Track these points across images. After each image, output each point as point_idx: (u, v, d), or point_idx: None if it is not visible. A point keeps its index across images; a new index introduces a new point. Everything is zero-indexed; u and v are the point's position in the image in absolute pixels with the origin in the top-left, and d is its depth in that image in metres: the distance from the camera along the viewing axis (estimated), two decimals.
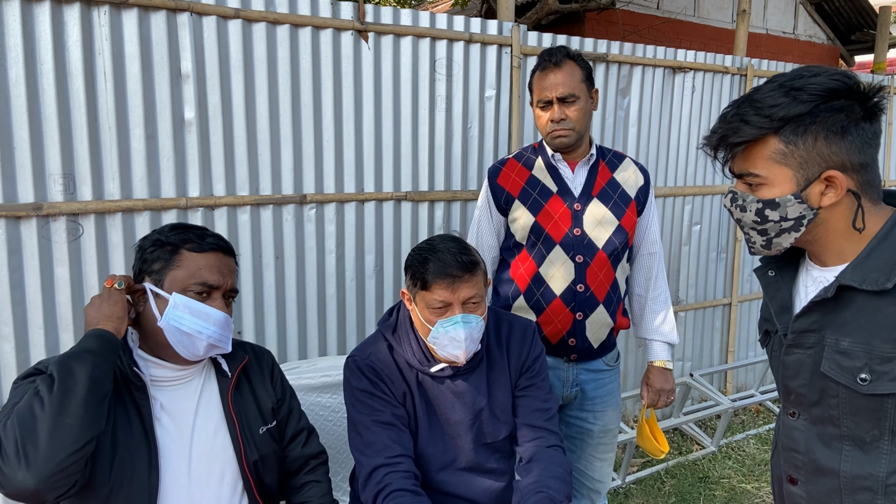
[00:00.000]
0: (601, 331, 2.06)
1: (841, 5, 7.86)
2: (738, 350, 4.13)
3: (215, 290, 1.41)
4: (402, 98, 2.71)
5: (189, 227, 1.45)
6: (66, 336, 2.19)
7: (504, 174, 2.12)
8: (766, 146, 1.10)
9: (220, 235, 1.48)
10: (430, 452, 1.67)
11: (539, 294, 2.03)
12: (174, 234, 1.41)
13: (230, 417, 1.45)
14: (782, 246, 1.17)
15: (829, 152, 1.06)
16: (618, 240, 2.03)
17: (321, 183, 2.58)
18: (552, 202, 2.02)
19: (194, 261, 1.39)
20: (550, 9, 5.22)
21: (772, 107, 1.07)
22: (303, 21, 2.44)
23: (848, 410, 1.13)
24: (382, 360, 1.67)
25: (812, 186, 1.08)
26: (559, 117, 1.95)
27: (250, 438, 1.47)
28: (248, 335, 2.50)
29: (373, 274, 2.74)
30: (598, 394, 2.11)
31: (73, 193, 2.15)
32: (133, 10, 2.17)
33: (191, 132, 2.31)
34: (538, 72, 2.00)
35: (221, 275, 1.42)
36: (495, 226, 2.15)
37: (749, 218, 1.16)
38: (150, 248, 1.41)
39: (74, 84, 2.12)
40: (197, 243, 1.40)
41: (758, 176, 1.12)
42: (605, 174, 2.08)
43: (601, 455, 2.16)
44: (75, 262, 2.18)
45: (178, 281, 1.37)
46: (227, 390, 1.47)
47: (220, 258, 1.43)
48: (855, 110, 1.06)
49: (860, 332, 1.08)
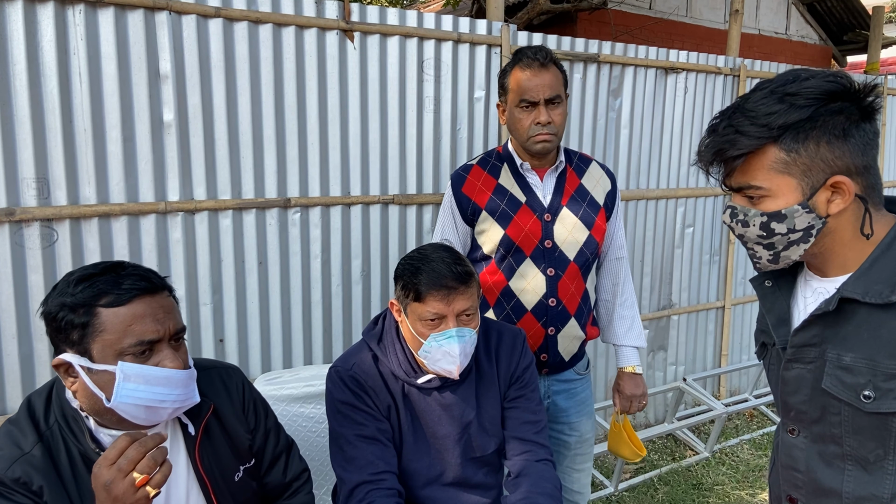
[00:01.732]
0: (573, 344, 2.00)
1: (833, 6, 7.86)
2: (732, 354, 4.09)
3: (158, 342, 1.16)
4: (390, 99, 2.64)
5: (97, 272, 1.16)
6: (40, 345, 2.11)
7: (469, 183, 2.00)
8: (765, 156, 1.03)
9: (140, 270, 1.19)
10: (415, 468, 1.61)
11: (509, 308, 1.96)
12: (81, 291, 1.12)
13: (201, 478, 1.29)
14: (791, 259, 1.10)
15: (832, 157, 1.01)
16: (589, 250, 1.97)
17: (306, 186, 2.52)
18: (521, 213, 1.93)
19: (118, 318, 1.12)
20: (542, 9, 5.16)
21: (768, 115, 1.01)
22: (286, 20, 2.37)
23: (850, 429, 1.07)
24: (366, 371, 1.61)
25: (818, 194, 1.03)
26: (546, 119, 1.84)
27: (226, 492, 1.33)
28: (231, 344, 2.44)
29: (359, 279, 2.68)
30: (570, 404, 2.05)
31: (47, 198, 2.08)
32: (109, 8, 2.10)
33: (170, 134, 2.24)
34: (521, 70, 1.85)
35: (158, 322, 1.15)
36: (461, 236, 2.04)
37: (753, 233, 1.09)
38: (59, 314, 1.12)
39: (48, 85, 2.04)
40: (114, 295, 1.12)
41: (760, 188, 1.05)
42: (574, 181, 2.00)
43: (579, 466, 2.11)
44: (50, 270, 2.10)
45: (108, 347, 1.11)
46: (195, 447, 1.29)
47: (147, 303, 1.15)
48: (853, 111, 1.01)
49: (863, 347, 1.03)
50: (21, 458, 1.10)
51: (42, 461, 1.11)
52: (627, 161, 3.40)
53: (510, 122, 1.93)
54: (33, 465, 1.10)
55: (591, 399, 2.12)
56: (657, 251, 3.61)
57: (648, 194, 3.48)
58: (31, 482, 1.09)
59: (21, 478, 1.09)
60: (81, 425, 1.17)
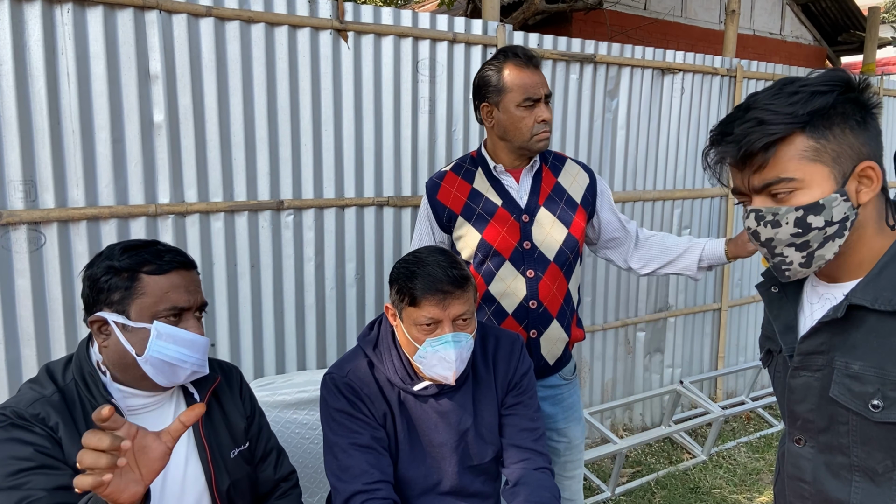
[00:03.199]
0: (556, 347, 1.97)
1: (828, 6, 7.87)
2: (729, 356, 4.07)
3: (186, 311, 1.30)
4: (384, 100, 2.61)
5: (140, 245, 1.31)
6: (27, 351, 2.07)
7: (443, 190, 1.97)
8: (794, 145, 0.98)
9: (176, 249, 1.35)
10: (411, 476, 1.58)
11: (490, 313, 1.94)
12: (128, 258, 1.27)
13: (201, 444, 1.37)
14: (824, 259, 1.03)
15: (858, 143, 0.98)
16: (568, 249, 1.94)
17: (299, 188, 2.48)
18: (498, 216, 1.90)
19: (157, 284, 1.27)
20: (537, 9, 5.14)
21: (790, 104, 0.97)
22: (279, 20, 2.34)
23: (858, 439, 1.04)
24: (362, 378, 1.57)
25: (848, 183, 0.99)
26: (548, 116, 1.84)
27: (222, 465, 1.39)
28: (223, 348, 2.40)
29: (354, 282, 2.64)
30: (556, 410, 2.02)
31: (34, 201, 2.03)
32: (98, 7, 2.06)
33: (160, 135, 2.20)
34: (520, 69, 1.82)
35: (189, 293, 1.30)
36: (438, 244, 2.02)
37: (785, 233, 1.02)
38: (103, 277, 1.26)
39: (36, 85, 2.00)
40: (156, 264, 1.28)
41: (793, 180, 0.99)
42: (550, 180, 1.97)
43: (569, 473, 2.08)
44: (37, 273, 2.06)
45: (146, 309, 1.25)
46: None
47: (183, 276, 1.31)
48: (863, 102, 0.99)
49: (872, 354, 1.00)
50: (41, 399, 1.23)
51: (59, 405, 1.24)
52: (624, 162, 3.37)
53: (509, 123, 1.86)
54: (52, 404, 1.23)
55: (580, 404, 2.09)
56: None
57: (645, 196, 3.46)
58: (48, 418, 1.21)
59: (40, 413, 1.21)
60: (97, 381, 1.27)
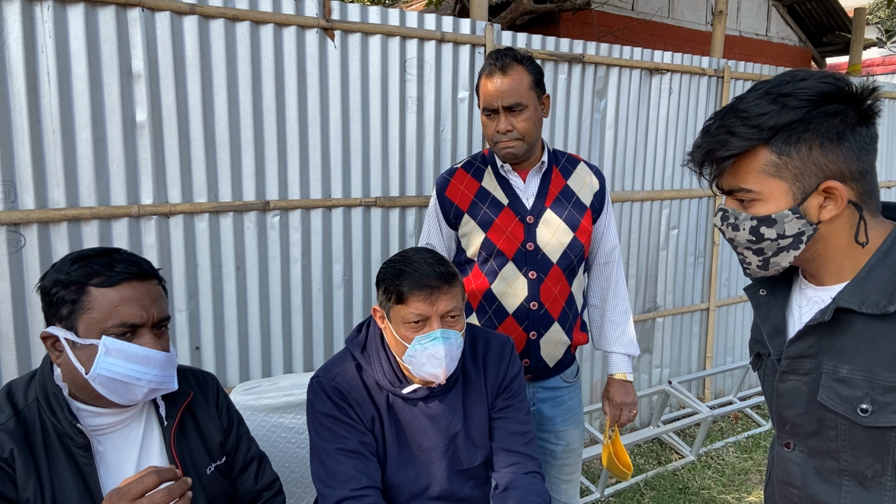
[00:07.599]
0: (556, 349, 1.96)
1: (813, 7, 7.92)
2: (717, 356, 4.09)
3: (140, 327, 1.20)
4: (371, 99, 2.59)
5: (93, 254, 1.22)
6: (7, 355, 2.03)
7: (452, 186, 1.98)
8: (756, 158, 1.00)
9: (134, 258, 1.25)
10: (399, 481, 1.56)
11: (491, 312, 1.93)
12: (77, 270, 1.18)
13: (173, 463, 1.30)
14: (780, 266, 1.07)
15: (825, 161, 0.97)
16: (573, 252, 1.92)
17: (285, 188, 2.45)
18: (503, 216, 1.90)
19: (106, 298, 1.17)
20: (525, 8, 5.14)
21: (760, 115, 0.98)
22: (264, 18, 2.31)
23: (847, 443, 1.04)
24: (350, 381, 1.55)
25: (810, 199, 0.99)
26: (505, 128, 1.81)
27: (197, 484, 1.34)
28: (208, 351, 2.36)
29: (341, 284, 2.62)
30: (555, 412, 2.01)
31: (13, 202, 1.99)
32: (79, 5, 2.02)
33: (143, 135, 2.16)
34: (483, 76, 1.84)
35: (143, 308, 1.20)
36: (445, 240, 2.02)
37: (743, 237, 1.06)
38: (52, 290, 1.18)
39: (15, 84, 1.96)
40: (105, 276, 1.18)
41: (750, 191, 1.02)
42: (559, 182, 1.96)
43: (566, 476, 2.06)
44: (17, 276, 2.02)
45: (94, 325, 1.16)
46: (170, 433, 1.32)
47: (136, 288, 1.20)
48: (849, 114, 0.97)
49: (860, 358, 0.99)
50: None
51: (15, 431, 1.17)
52: (612, 162, 3.37)
53: (482, 128, 1.91)
54: (6, 432, 1.16)
55: (580, 408, 2.08)
56: (642, 253, 3.58)
57: (633, 196, 3.46)
58: (2, 449, 1.15)
59: None
60: (61, 401, 1.20)
